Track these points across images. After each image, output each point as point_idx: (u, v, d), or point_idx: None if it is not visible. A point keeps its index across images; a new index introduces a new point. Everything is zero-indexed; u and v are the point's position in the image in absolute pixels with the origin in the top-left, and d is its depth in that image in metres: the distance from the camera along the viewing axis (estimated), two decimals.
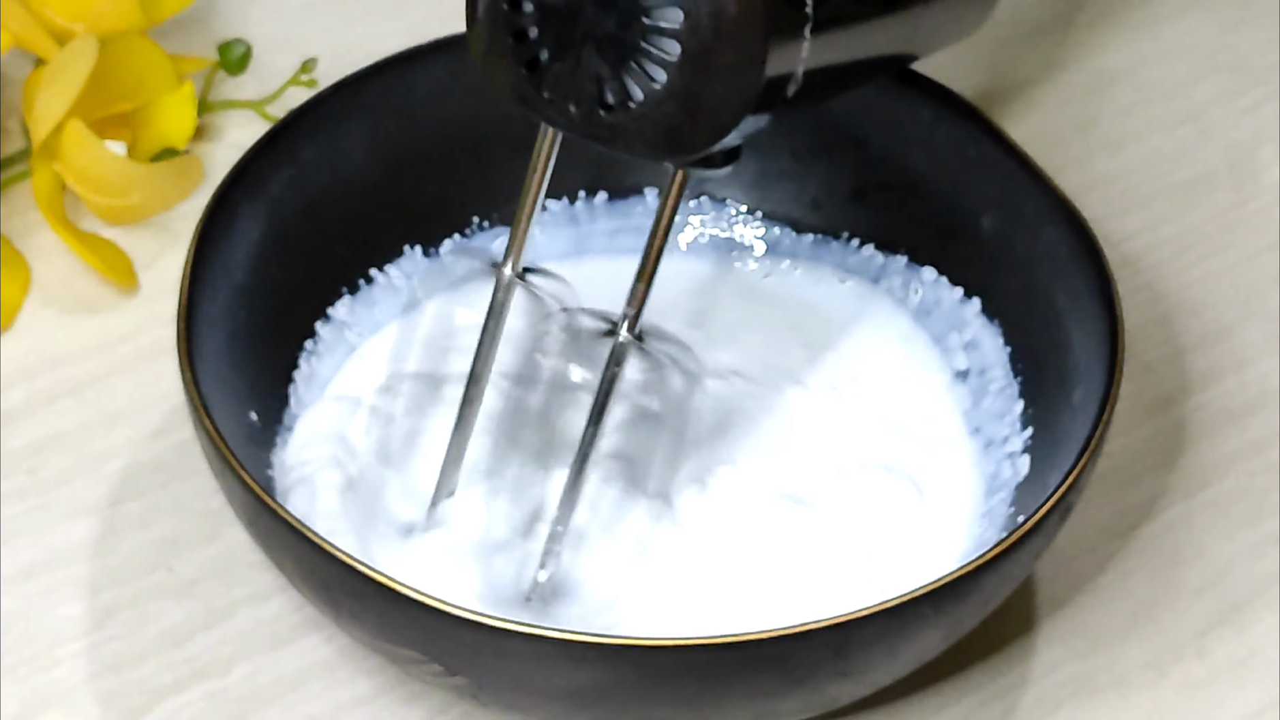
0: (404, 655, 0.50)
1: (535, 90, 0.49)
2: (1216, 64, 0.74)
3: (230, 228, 0.57)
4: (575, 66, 0.48)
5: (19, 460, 0.61)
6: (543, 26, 0.48)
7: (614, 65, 0.47)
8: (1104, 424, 0.52)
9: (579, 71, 0.48)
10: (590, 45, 0.48)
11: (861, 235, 0.62)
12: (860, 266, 0.62)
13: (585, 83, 0.48)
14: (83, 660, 0.56)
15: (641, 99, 0.47)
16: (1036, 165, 0.58)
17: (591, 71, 0.48)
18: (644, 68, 0.47)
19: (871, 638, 0.49)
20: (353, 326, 0.60)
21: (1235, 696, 0.56)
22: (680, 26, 0.46)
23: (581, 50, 0.48)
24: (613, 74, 0.48)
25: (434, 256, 0.61)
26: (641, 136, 0.48)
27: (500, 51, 0.49)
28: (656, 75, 0.47)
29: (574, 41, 0.48)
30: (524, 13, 0.49)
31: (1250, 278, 0.66)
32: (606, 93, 0.48)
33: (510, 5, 0.49)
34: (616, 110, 0.48)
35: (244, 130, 0.70)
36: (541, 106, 0.49)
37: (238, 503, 0.52)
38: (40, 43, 0.67)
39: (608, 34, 0.47)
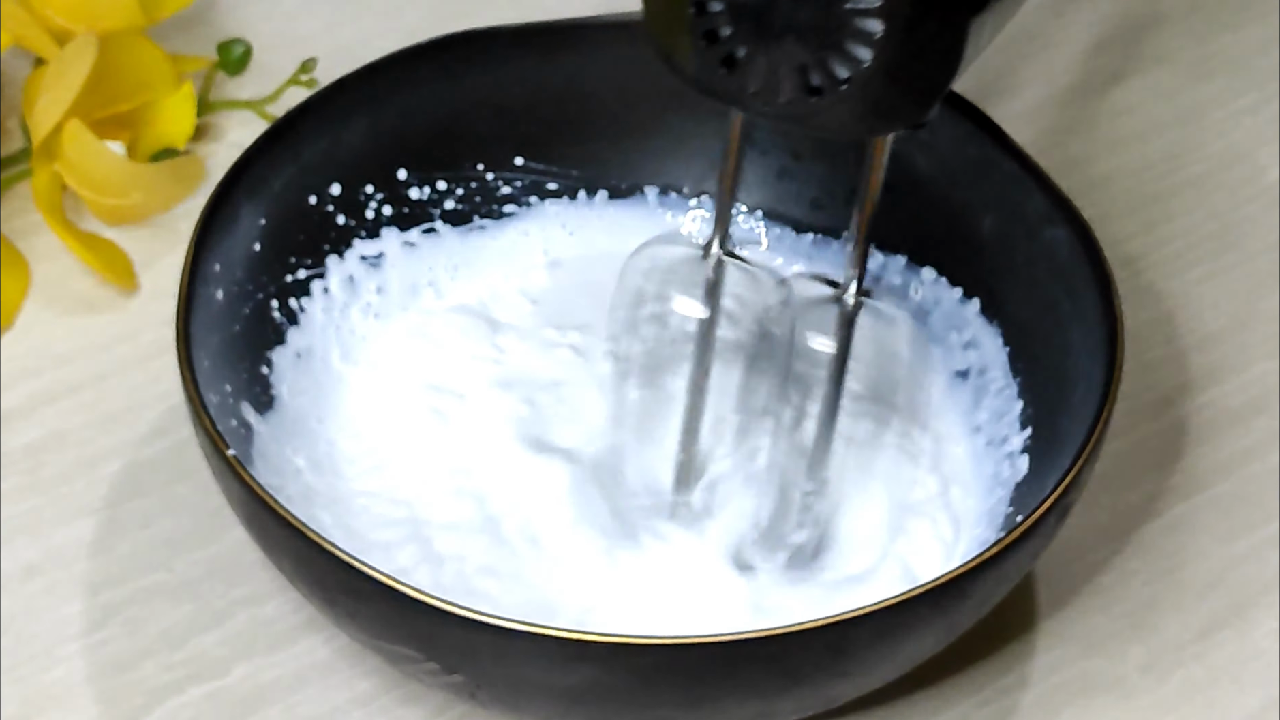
0: (402, 654, 0.50)
1: (736, 85, 0.49)
2: (1217, 65, 0.74)
3: (230, 227, 0.57)
4: (776, 58, 0.48)
5: (18, 460, 0.61)
6: (735, 23, 0.48)
7: (817, 50, 0.47)
8: (1103, 423, 0.52)
9: (780, 62, 0.48)
10: (790, 35, 0.47)
11: None
12: None
13: (789, 72, 0.48)
14: (82, 660, 0.56)
15: (849, 79, 0.47)
16: (1037, 165, 0.58)
17: (795, 60, 0.48)
18: (848, 49, 0.47)
19: (870, 637, 0.49)
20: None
21: (1236, 698, 0.56)
22: (880, 3, 0.46)
23: (780, 41, 0.48)
24: (817, 60, 0.47)
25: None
26: (854, 114, 0.48)
27: (690, 51, 0.49)
28: (861, 55, 0.47)
29: (771, 34, 0.48)
30: (713, 12, 0.48)
31: (1250, 278, 0.66)
32: (813, 78, 0.48)
33: (697, 8, 0.48)
34: (826, 93, 0.48)
35: (244, 130, 0.70)
36: (744, 99, 0.49)
37: (236, 502, 0.52)
38: (40, 42, 0.67)
39: (806, 21, 0.47)
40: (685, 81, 0.50)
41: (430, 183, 0.62)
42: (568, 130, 0.62)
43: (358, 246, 0.61)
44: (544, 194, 0.63)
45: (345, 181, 0.60)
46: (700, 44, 0.49)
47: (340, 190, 0.60)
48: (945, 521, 0.56)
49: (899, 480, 0.57)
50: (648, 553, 0.55)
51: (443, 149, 0.61)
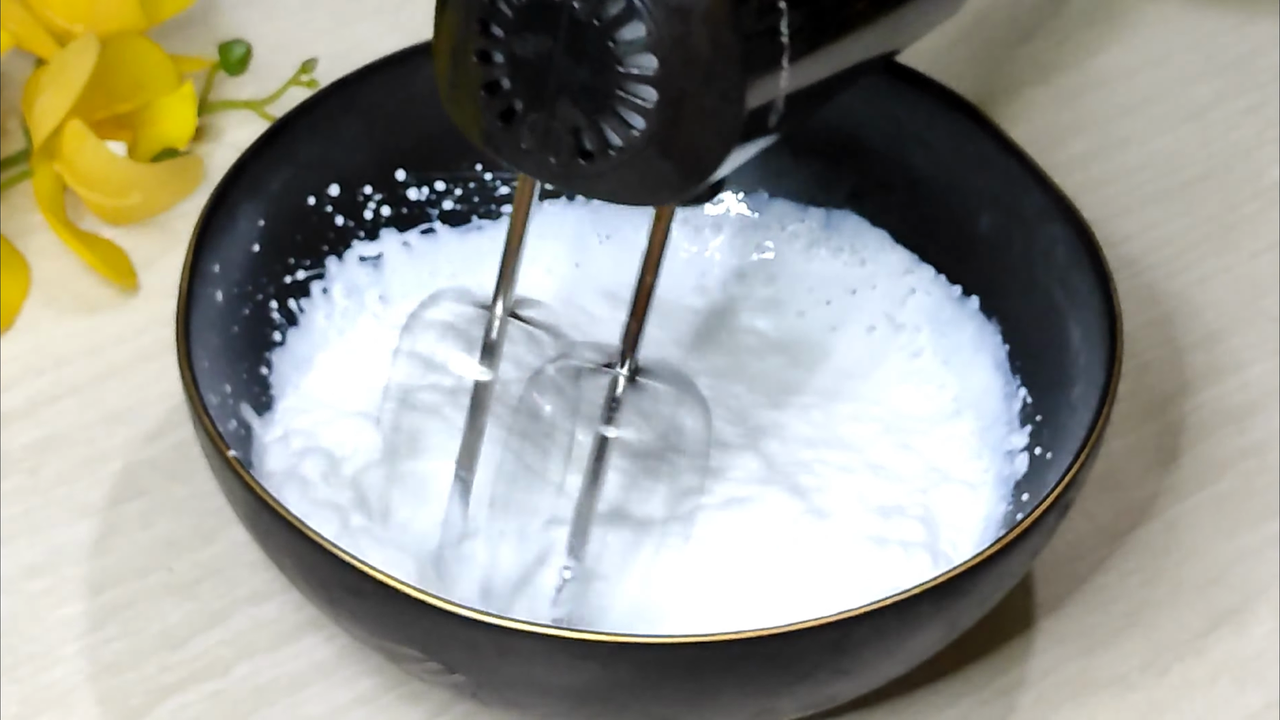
0: (403, 653, 0.50)
1: (512, 140, 0.48)
2: (1216, 64, 0.74)
3: (230, 227, 0.57)
4: (551, 117, 0.47)
5: (19, 460, 0.61)
6: (515, 77, 0.47)
7: (591, 114, 0.47)
8: (1103, 421, 0.52)
9: (555, 121, 0.47)
10: (565, 95, 0.47)
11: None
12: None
13: (563, 133, 0.47)
14: (82, 660, 0.56)
15: (621, 146, 0.47)
16: (1036, 164, 0.58)
17: (569, 121, 0.47)
18: (622, 115, 0.46)
19: (871, 635, 0.49)
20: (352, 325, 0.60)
21: (1235, 697, 0.56)
22: (655, 72, 0.46)
23: (557, 100, 0.47)
24: (590, 123, 0.47)
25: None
26: (625, 183, 0.47)
27: (471, 103, 0.48)
28: (635, 122, 0.46)
29: (548, 92, 0.47)
30: (495, 64, 0.48)
31: (1250, 278, 0.66)
32: (585, 141, 0.47)
33: (480, 57, 0.48)
34: (597, 158, 0.47)
35: (244, 130, 0.70)
36: (519, 156, 0.48)
37: (237, 502, 0.52)
38: (41, 43, 0.67)
39: (582, 83, 0.47)
40: (468, 135, 0.49)
41: (429, 183, 0.62)
42: None
43: (356, 247, 0.61)
44: (543, 194, 0.63)
45: (344, 182, 0.60)
46: (482, 95, 0.48)
47: (339, 191, 0.60)
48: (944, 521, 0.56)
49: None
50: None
51: (441, 149, 0.61)
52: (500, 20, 0.47)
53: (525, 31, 0.47)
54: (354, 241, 0.61)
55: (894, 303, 0.61)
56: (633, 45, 0.46)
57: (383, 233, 0.61)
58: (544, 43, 0.47)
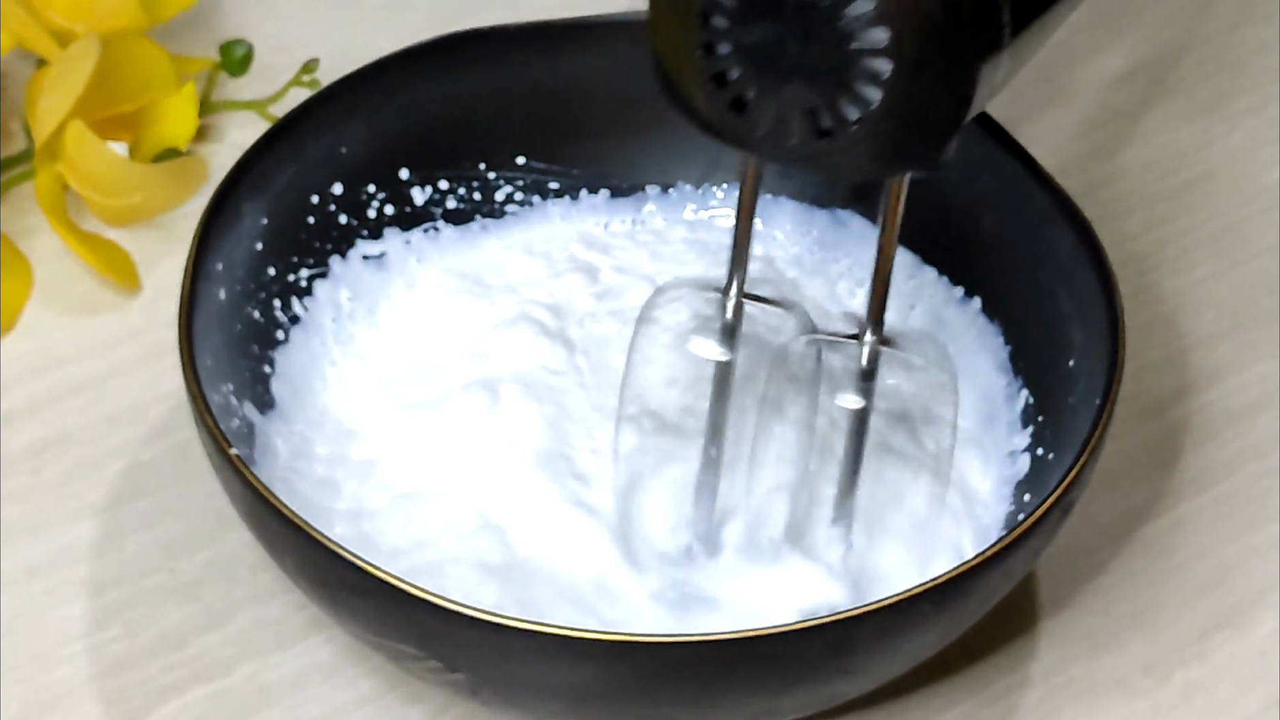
0: (404, 652, 0.50)
1: (746, 128, 0.48)
2: (1217, 64, 0.74)
3: (231, 228, 0.57)
4: (785, 100, 0.47)
5: (21, 460, 0.61)
6: (743, 66, 0.47)
7: (826, 92, 0.47)
8: (1105, 420, 0.52)
9: (790, 104, 0.47)
10: (798, 77, 0.47)
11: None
12: None
13: (798, 114, 0.47)
14: (84, 661, 0.56)
15: (859, 120, 0.47)
16: (1038, 164, 0.58)
17: (804, 102, 0.47)
18: (857, 90, 0.46)
19: (872, 635, 0.49)
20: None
21: (1237, 699, 0.56)
22: (887, 44, 0.46)
23: (788, 83, 0.47)
24: (826, 101, 0.47)
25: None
26: (865, 156, 0.47)
27: (699, 94, 0.48)
28: (871, 95, 0.46)
29: (780, 76, 0.47)
30: (720, 56, 0.48)
31: (1251, 279, 0.66)
32: (823, 120, 0.47)
33: (705, 50, 0.48)
34: (836, 135, 0.47)
35: (245, 131, 0.70)
36: (754, 142, 0.48)
37: (239, 502, 0.52)
38: (42, 43, 0.67)
39: (814, 63, 0.46)
40: (696, 125, 0.49)
41: (432, 182, 0.62)
42: (569, 129, 0.62)
43: (360, 246, 0.61)
44: (546, 193, 0.63)
45: (347, 181, 0.60)
46: (709, 86, 0.48)
47: (342, 190, 0.60)
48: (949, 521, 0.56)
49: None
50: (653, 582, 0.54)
51: (444, 149, 0.61)
52: (723, 11, 0.47)
53: (749, 20, 0.47)
54: (357, 240, 0.61)
55: (896, 304, 0.61)
56: (861, 20, 0.46)
57: (386, 232, 0.61)
58: (770, 29, 0.47)
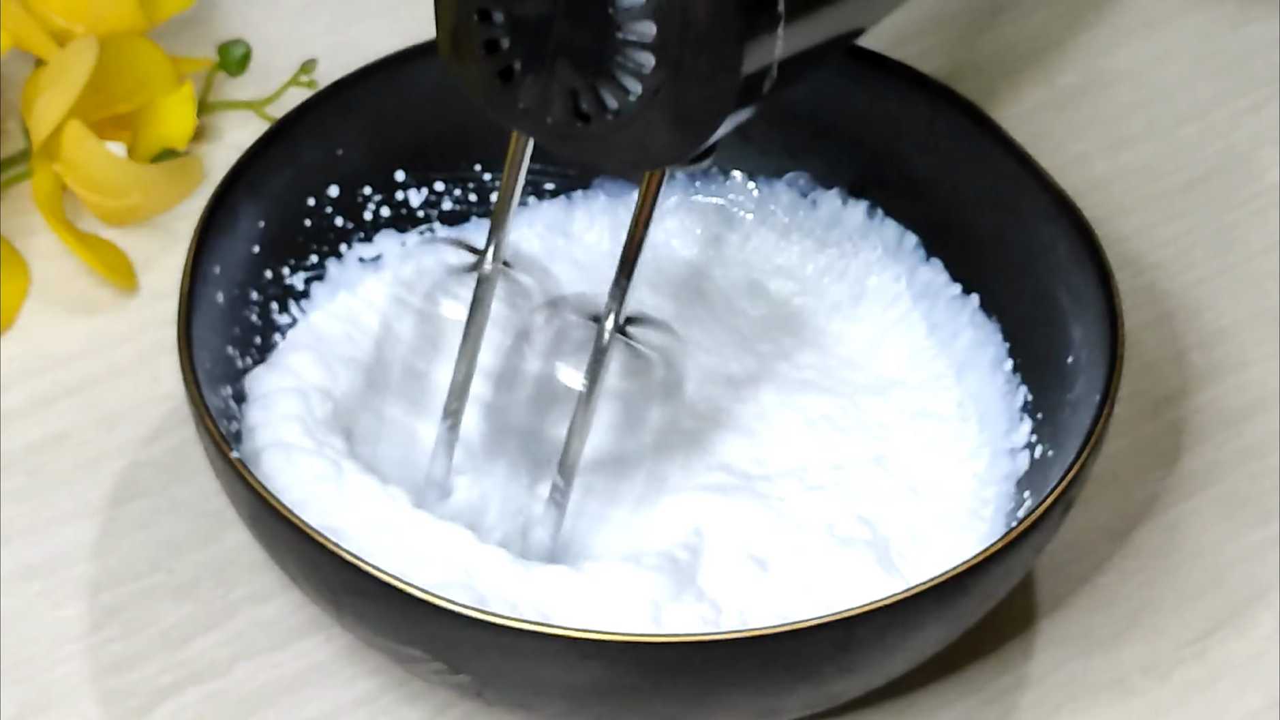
0: (407, 654, 0.50)
1: (510, 100, 0.49)
2: (1216, 64, 0.74)
3: (229, 228, 0.57)
4: (549, 78, 0.48)
5: (19, 461, 0.61)
6: (514, 37, 0.48)
7: (589, 77, 0.47)
8: (1105, 417, 0.52)
9: (553, 83, 0.48)
10: (564, 58, 0.47)
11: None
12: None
13: (560, 94, 0.48)
14: (83, 661, 0.56)
15: (618, 109, 0.47)
16: (1037, 163, 0.58)
17: (566, 83, 0.48)
18: (619, 79, 0.47)
19: (875, 633, 0.49)
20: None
21: (1235, 699, 0.56)
22: (653, 39, 0.46)
23: (555, 62, 0.47)
24: (588, 86, 0.47)
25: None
26: (620, 146, 0.48)
27: (471, 60, 0.49)
28: (632, 87, 0.47)
29: (547, 53, 0.47)
30: (495, 23, 0.48)
31: (1251, 278, 0.66)
32: (582, 104, 0.48)
33: (480, 16, 0.48)
34: (593, 121, 0.48)
35: (244, 131, 0.69)
36: (516, 116, 0.49)
37: (240, 503, 0.52)
38: (40, 44, 0.67)
39: (581, 46, 0.47)
40: (466, 90, 0.49)
41: (428, 184, 0.62)
42: None
43: (356, 248, 0.61)
44: (541, 194, 0.63)
45: (343, 183, 0.60)
46: (480, 52, 0.48)
47: (339, 192, 0.60)
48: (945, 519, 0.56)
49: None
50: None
51: (440, 150, 0.61)
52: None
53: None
54: (354, 242, 0.61)
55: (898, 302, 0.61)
56: (632, 11, 0.46)
57: (382, 234, 0.61)
58: (544, 4, 0.47)
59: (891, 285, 0.61)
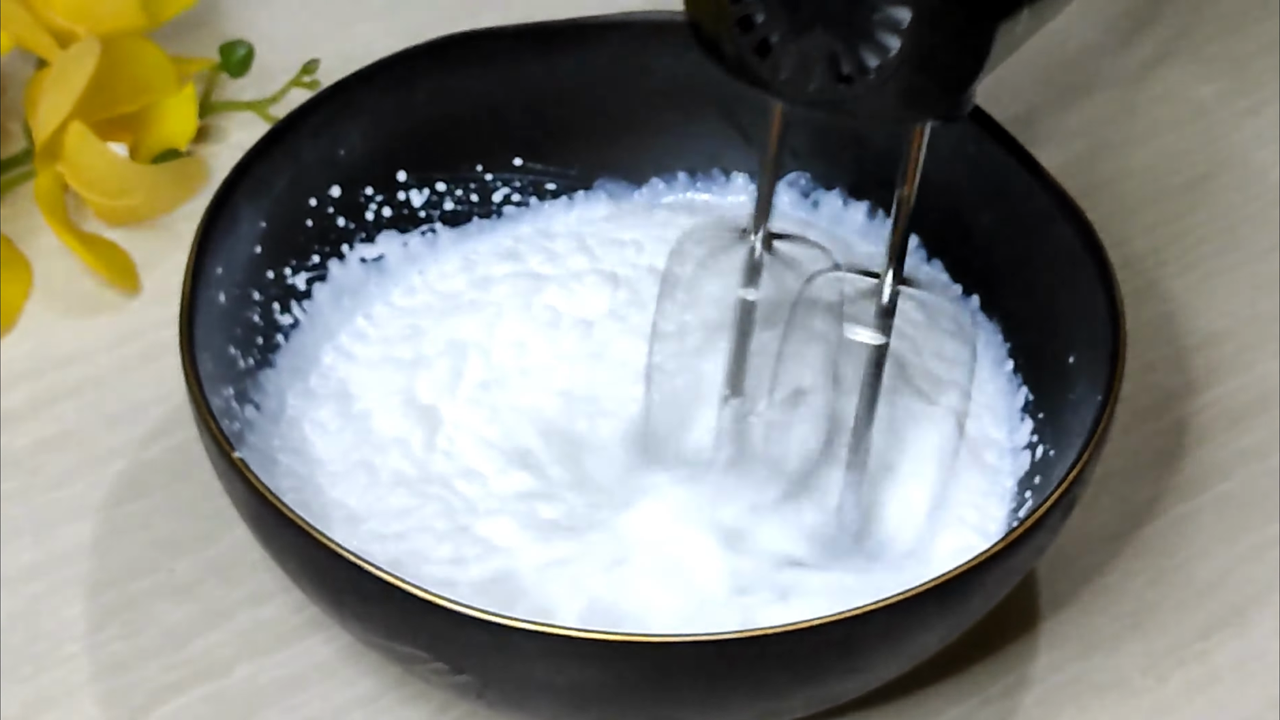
0: (408, 654, 0.50)
1: (769, 71, 0.49)
2: (1219, 66, 0.74)
3: (232, 228, 0.57)
4: (807, 44, 0.48)
5: (20, 461, 0.61)
6: (768, 10, 0.49)
7: (846, 38, 0.48)
8: (1107, 418, 0.52)
9: (812, 48, 0.48)
10: (820, 22, 0.48)
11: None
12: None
13: (819, 59, 0.48)
14: (83, 661, 0.56)
15: (879, 66, 0.48)
16: (1037, 163, 0.58)
17: (825, 47, 0.48)
18: (877, 37, 0.47)
19: (877, 633, 0.49)
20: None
21: (1237, 699, 0.56)
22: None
23: (811, 28, 0.48)
24: (846, 46, 0.48)
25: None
26: (884, 102, 0.48)
27: (727, 39, 0.49)
28: (890, 43, 0.47)
29: (803, 21, 0.48)
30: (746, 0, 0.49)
31: (1252, 279, 0.66)
32: (843, 65, 0.48)
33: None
34: (855, 81, 0.48)
35: (246, 131, 0.70)
36: (777, 85, 0.49)
37: (241, 503, 0.52)
38: (42, 44, 0.67)
39: (835, 9, 0.48)
40: (723, 67, 0.50)
41: (429, 184, 0.62)
42: (566, 131, 0.62)
43: (358, 249, 0.61)
44: (543, 194, 0.63)
45: (345, 183, 0.60)
46: (735, 30, 0.49)
47: (340, 192, 0.60)
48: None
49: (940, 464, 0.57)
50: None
51: (442, 150, 0.61)
52: None
53: None
54: (355, 243, 0.61)
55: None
56: None
57: (383, 234, 0.61)
58: None
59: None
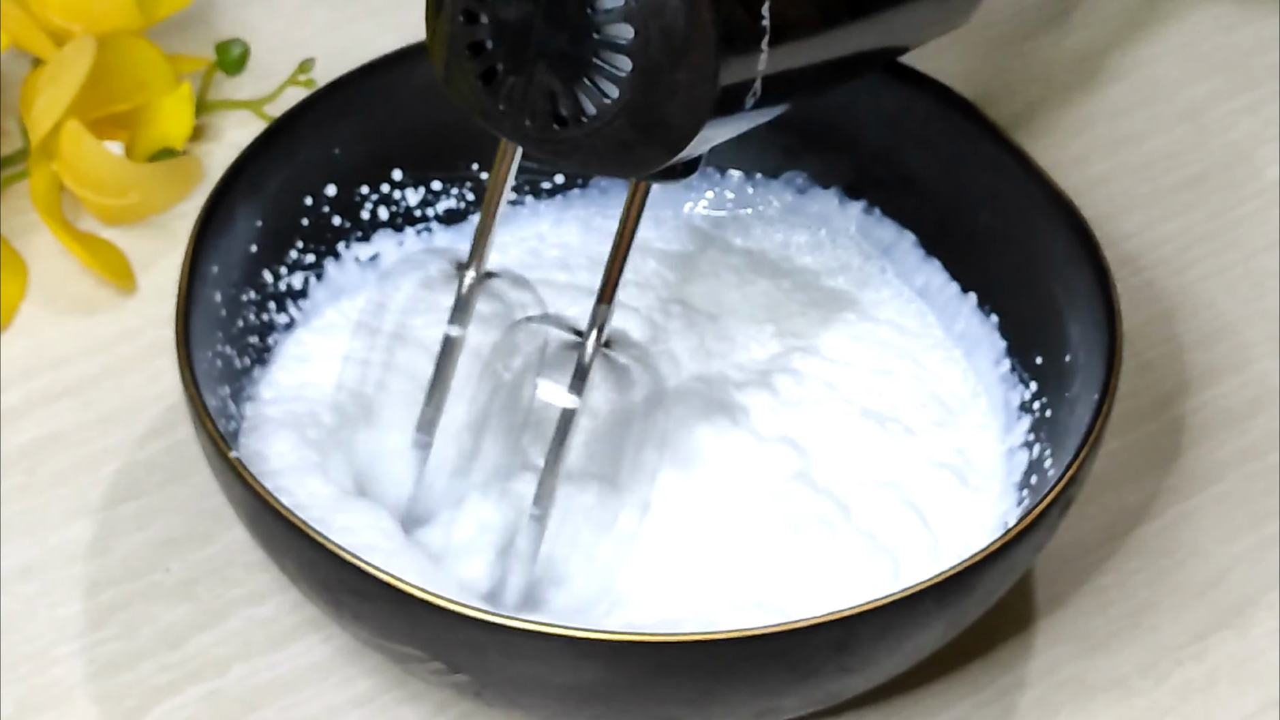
0: (406, 654, 0.50)
1: (492, 103, 0.49)
2: (1216, 64, 0.74)
3: (227, 228, 0.57)
4: (529, 81, 0.48)
5: (16, 460, 0.61)
6: (498, 39, 0.48)
7: (566, 80, 0.47)
8: (1104, 416, 0.52)
9: (532, 86, 0.48)
10: (543, 60, 0.47)
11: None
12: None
13: (539, 97, 0.48)
14: (80, 661, 0.56)
15: (594, 114, 0.47)
16: (1034, 162, 0.58)
17: (544, 86, 0.48)
18: (596, 83, 0.47)
19: (874, 632, 0.49)
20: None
21: (1234, 699, 0.56)
22: (631, 42, 0.46)
23: (535, 65, 0.48)
24: (565, 89, 0.47)
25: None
26: (597, 152, 0.48)
27: (458, 63, 0.49)
28: (609, 91, 0.47)
29: (527, 56, 0.48)
30: (480, 24, 0.48)
31: (1249, 277, 0.66)
32: (560, 107, 0.48)
33: (467, 18, 0.48)
34: (570, 125, 0.48)
35: (242, 130, 0.69)
36: (499, 120, 0.49)
37: (238, 503, 0.52)
38: (38, 43, 0.67)
39: (560, 49, 0.47)
40: (450, 95, 0.49)
41: (425, 183, 0.62)
42: None
43: (354, 248, 0.61)
44: (539, 193, 0.63)
45: (341, 182, 0.60)
46: (464, 54, 0.49)
47: (336, 191, 0.60)
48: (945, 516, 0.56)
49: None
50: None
51: (438, 150, 0.61)
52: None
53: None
54: (351, 241, 0.61)
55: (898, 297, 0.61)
56: (610, 14, 0.46)
57: (379, 233, 0.61)
58: (526, 6, 0.47)
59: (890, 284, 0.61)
